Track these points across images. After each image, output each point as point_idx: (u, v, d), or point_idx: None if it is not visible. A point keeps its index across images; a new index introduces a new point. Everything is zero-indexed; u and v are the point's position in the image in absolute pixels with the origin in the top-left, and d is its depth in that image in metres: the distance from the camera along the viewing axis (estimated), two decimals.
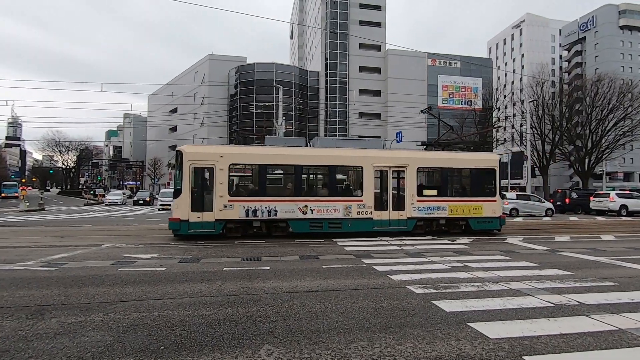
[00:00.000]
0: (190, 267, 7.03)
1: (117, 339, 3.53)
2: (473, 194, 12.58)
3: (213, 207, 10.79)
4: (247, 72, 57.62)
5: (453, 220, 12.41)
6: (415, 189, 12.04)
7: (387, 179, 11.98)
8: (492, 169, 12.70)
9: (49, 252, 8.51)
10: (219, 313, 4.30)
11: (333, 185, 11.93)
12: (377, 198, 11.90)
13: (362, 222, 11.68)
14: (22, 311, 4.37)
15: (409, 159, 12.27)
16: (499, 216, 12.62)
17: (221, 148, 13.83)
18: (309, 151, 12.40)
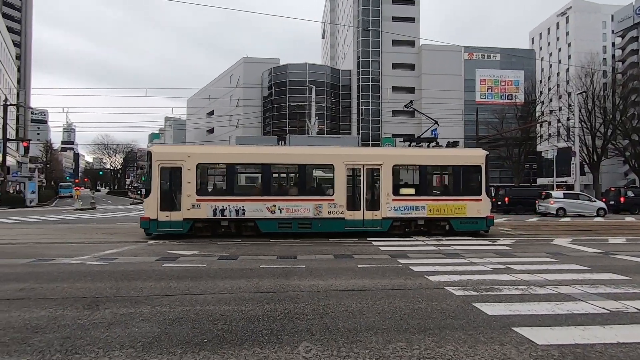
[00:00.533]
0: (229, 264, 7.26)
1: (164, 331, 3.73)
2: (456, 192, 11.91)
3: (181, 207, 10.84)
4: (280, 74, 58.50)
5: (433, 220, 11.72)
6: (390, 188, 11.49)
7: (360, 177, 11.52)
8: (478, 165, 11.87)
9: (101, 247, 9.13)
10: (257, 309, 4.41)
11: (303, 184, 11.74)
12: (350, 197, 11.47)
13: (334, 222, 11.29)
14: (79, 302, 4.73)
15: (384, 157, 11.85)
16: (485, 216, 11.76)
17: (189, 148, 13.64)
18: (278, 150, 12.31)
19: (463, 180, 12.12)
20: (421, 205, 11.57)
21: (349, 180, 11.55)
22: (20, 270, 6.63)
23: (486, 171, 11.92)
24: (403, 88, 55.08)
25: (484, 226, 11.85)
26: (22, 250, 8.86)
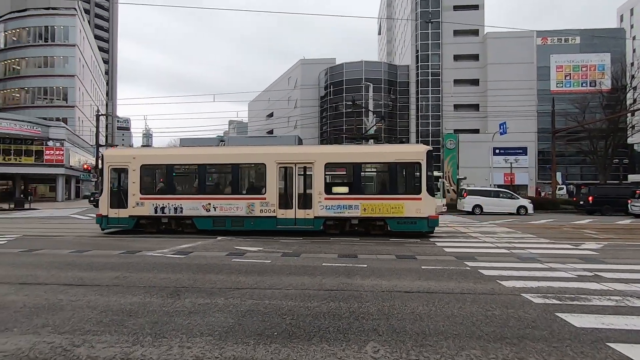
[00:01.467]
0: (292, 261, 7.48)
1: (237, 322, 3.97)
2: (392, 191, 11.22)
3: (127, 205, 11.70)
4: (336, 73, 58.77)
5: (368, 220, 11.23)
6: (322, 186, 11.24)
7: (293, 176, 11.42)
8: (417, 162, 11.04)
9: (177, 242, 9.99)
10: (322, 306, 4.49)
11: (236, 183, 11.86)
12: (282, 196, 11.42)
13: (265, 220, 11.34)
14: (163, 290, 5.23)
15: (316, 155, 11.60)
16: (426, 216, 10.90)
17: (134, 150, 14.42)
18: (213, 150, 12.36)
19: (401, 177, 11.49)
20: (355, 204, 11.15)
21: (281, 179, 11.51)
22: (114, 261, 7.52)
23: (428, 168, 11.05)
24: (466, 80, 52.03)
25: (425, 227, 11.05)
26: (114, 243, 10.04)
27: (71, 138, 37.92)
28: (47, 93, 43.02)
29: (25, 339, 3.53)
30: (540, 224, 16.31)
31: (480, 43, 52.54)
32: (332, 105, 59.32)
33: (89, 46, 50.55)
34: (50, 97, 42.96)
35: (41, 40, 42.91)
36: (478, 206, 21.93)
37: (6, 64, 43.95)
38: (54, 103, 42.76)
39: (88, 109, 46.88)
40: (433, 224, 11.15)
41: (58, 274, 6.36)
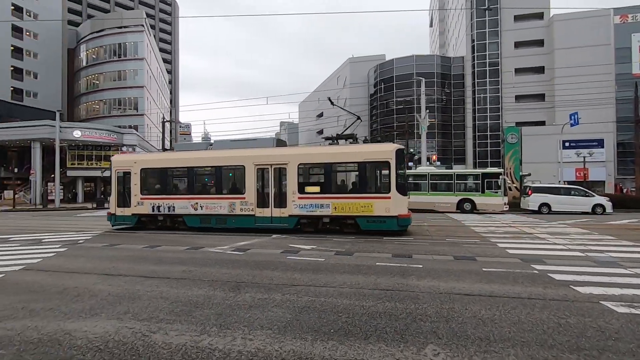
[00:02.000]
0: (346, 259, 7.51)
1: (295, 317, 4.09)
2: (362, 190, 11.27)
3: (130, 204, 13.18)
4: (386, 69, 57.67)
5: (339, 218, 11.42)
6: (296, 186, 11.67)
7: (269, 176, 11.98)
8: (386, 161, 11.01)
9: (235, 239, 10.52)
10: (378, 306, 4.45)
11: (219, 184, 12.72)
12: (260, 195, 12.06)
13: (245, 218, 12.09)
14: (225, 285, 5.56)
15: (290, 156, 12.01)
16: (395, 215, 10.84)
17: (135, 156, 15.34)
18: (199, 154, 13.30)
19: (370, 177, 11.45)
20: (326, 203, 11.42)
21: (258, 179, 12.15)
22: (180, 256, 8.14)
23: (397, 167, 10.96)
24: (529, 69, 48.11)
25: (395, 226, 10.96)
26: (181, 239, 10.86)
27: (141, 143, 41.66)
28: (120, 103, 47.72)
29: (110, 323, 3.97)
30: (621, 224, 14.57)
31: (545, 27, 48.24)
32: (382, 103, 58.35)
33: (155, 59, 55.11)
34: (124, 107, 47.59)
35: (115, 56, 47.69)
36: (545, 205, 20.17)
37: (88, 79, 49.54)
38: (126, 112, 47.30)
39: (155, 117, 51.15)
40: (404, 222, 11.12)
41: (135, 266, 7.04)
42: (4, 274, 6.42)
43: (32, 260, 7.62)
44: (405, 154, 12.05)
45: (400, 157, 11.19)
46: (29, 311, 4.43)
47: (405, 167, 12.11)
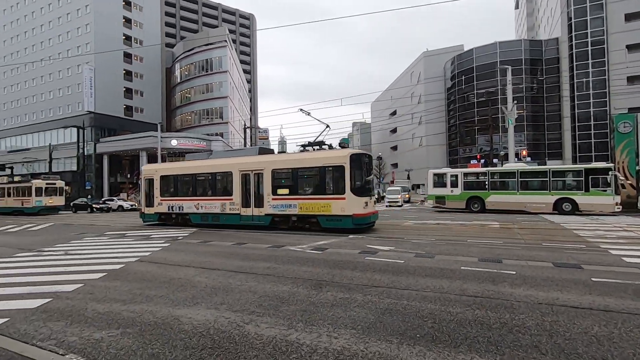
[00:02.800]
0: (427, 262, 7.21)
1: (378, 319, 4.05)
2: (322, 192, 12.46)
3: (154, 204, 16.18)
4: (465, 60, 53.93)
5: (304, 217, 12.81)
6: (270, 189, 13.38)
7: (250, 181, 13.87)
8: (341, 165, 12.12)
9: (314, 239, 10.83)
10: (466, 313, 4.18)
11: (214, 187, 14.91)
12: (244, 197, 13.99)
13: (233, 216, 14.18)
14: (307, 283, 5.76)
15: (265, 163, 13.70)
16: (350, 214, 11.93)
17: (157, 165, 18.49)
18: (200, 163, 15.76)
19: (329, 180, 12.47)
20: (293, 204, 12.94)
21: (243, 183, 14.06)
22: (264, 253, 8.67)
23: (351, 170, 11.97)
24: None
25: (350, 224, 11.94)
26: (264, 237, 11.55)
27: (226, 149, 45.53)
28: (208, 113, 52.71)
29: (210, 312, 4.40)
30: None
31: None
32: (460, 96, 54.76)
33: (236, 70, 59.72)
34: (211, 117, 52.48)
35: (203, 71, 52.86)
36: None
37: (182, 94, 55.77)
38: (213, 121, 52.07)
39: (237, 123, 55.38)
40: (358, 221, 12.06)
41: (226, 262, 7.71)
42: (125, 264, 7.56)
43: (144, 253, 8.84)
44: (364, 159, 12.93)
45: (355, 161, 12.20)
46: (145, 297, 5.15)
47: (366, 171, 12.96)
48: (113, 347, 3.47)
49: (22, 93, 54.59)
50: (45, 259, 8.49)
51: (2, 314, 4.51)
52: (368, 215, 12.53)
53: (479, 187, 20.75)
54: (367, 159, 13.22)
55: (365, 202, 12.49)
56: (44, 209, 26.87)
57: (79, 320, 4.26)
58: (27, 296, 5.32)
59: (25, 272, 7.07)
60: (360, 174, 12.52)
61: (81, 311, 4.57)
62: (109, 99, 47.45)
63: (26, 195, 26.72)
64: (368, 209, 12.60)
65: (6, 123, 56.40)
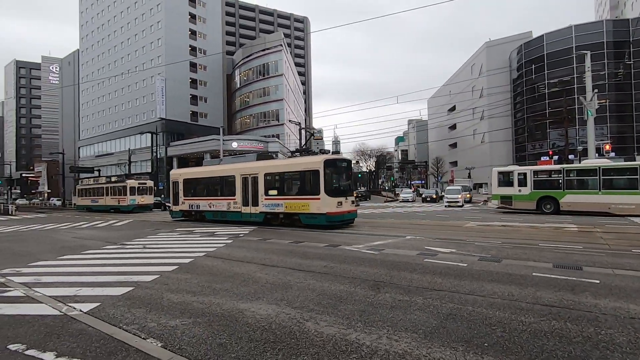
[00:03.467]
0: (492, 266, 6.75)
1: (440, 324, 3.89)
2: (302, 193, 14.16)
3: (179, 203, 19.46)
4: (534, 48, 49.51)
5: (289, 214, 14.56)
6: (263, 190, 15.35)
7: (249, 183, 16.00)
8: (316, 170, 13.64)
9: (369, 239, 10.71)
10: (542, 324, 3.83)
11: (222, 189, 17.39)
12: (244, 197, 16.18)
13: (236, 214, 16.53)
14: (364, 283, 5.71)
15: (259, 167, 15.70)
16: (324, 213, 13.39)
17: (181, 170, 21.04)
18: (212, 168, 18.69)
19: (307, 182, 13.98)
20: (280, 203, 14.78)
21: (243, 185, 16.30)
22: (321, 252, 8.77)
23: (325, 174, 13.44)
24: None
25: (324, 221, 13.39)
26: (320, 237, 11.71)
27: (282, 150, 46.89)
28: (265, 116, 54.80)
29: (270, 307, 4.57)
30: None
31: None
32: (529, 88, 50.48)
33: (292, 73, 61.29)
34: (268, 119, 54.50)
35: (260, 75, 55.09)
36: None
37: (241, 98, 58.70)
38: (270, 123, 54.02)
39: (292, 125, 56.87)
40: (331, 219, 13.51)
41: (284, 259, 7.95)
42: (194, 258, 8.16)
43: (210, 249, 9.45)
44: (339, 164, 14.42)
45: (329, 166, 13.72)
46: (212, 290, 5.50)
47: (341, 174, 14.48)
48: (186, 335, 3.76)
49: (106, 104, 61.60)
50: (127, 251, 9.49)
51: (95, 299, 5.13)
52: (342, 213, 13.95)
53: (551, 186, 18.91)
54: (344, 164, 14.69)
55: (339, 202, 13.91)
56: (137, 207, 29.79)
57: (156, 308, 4.69)
58: (114, 284, 5.99)
59: (111, 262, 7.96)
60: (334, 177, 14.08)
61: (158, 300, 5.03)
62: (177, 106, 51.59)
63: (122, 194, 29.94)
64: (342, 208, 13.96)
65: (94, 131, 64.04)
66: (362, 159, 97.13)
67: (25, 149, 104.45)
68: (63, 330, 4.01)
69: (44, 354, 3.42)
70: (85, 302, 5.02)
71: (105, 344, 3.60)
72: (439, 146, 78.90)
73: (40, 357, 3.36)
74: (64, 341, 3.69)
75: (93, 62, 64.70)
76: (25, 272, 7.27)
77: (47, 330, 4.00)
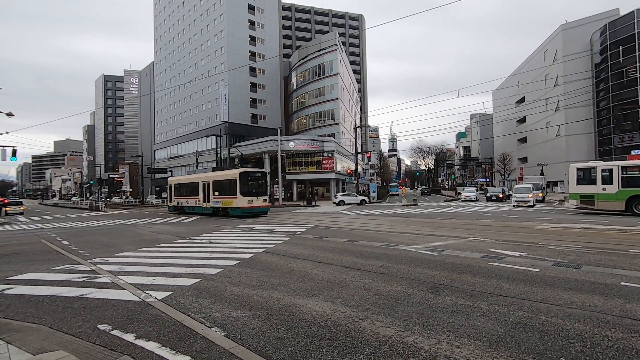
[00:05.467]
0: (570, 273, 6.07)
1: (507, 333, 3.60)
2: (228, 194, 21.77)
3: (172, 200, 27.73)
4: (621, 28, 43.56)
5: (224, 208, 22.18)
6: (212, 192, 23.32)
7: (205, 187, 23.96)
8: (235, 179, 21.25)
9: (428, 239, 10.30)
10: (632, 340, 3.36)
11: (192, 191, 25.60)
12: (203, 196, 24.22)
13: (199, 207, 24.51)
14: (423, 285, 5.50)
15: (210, 177, 23.81)
16: (240, 207, 20.89)
17: (172, 178, 29.47)
18: (186, 176, 27.62)
19: (231, 187, 21.53)
20: (219, 200, 22.55)
21: (202, 188, 24.21)
22: (377, 251, 8.64)
23: (240, 181, 20.99)
24: None
25: (240, 213, 20.93)
26: (376, 236, 11.56)
27: (338, 149, 47.06)
28: (321, 116, 55.43)
29: (326, 305, 4.61)
30: None
31: None
32: (615, 73, 44.62)
33: (347, 71, 61.18)
34: (323, 119, 55.06)
35: (316, 76, 55.83)
36: None
37: (297, 99, 60.09)
38: (325, 123, 54.51)
39: (348, 124, 56.74)
40: (244, 211, 20.93)
41: (339, 257, 7.97)
42: (254, 254, 8.55)
43: (269, 245, 9.83)
44: (252, 174, 21.90)
45: (242, 176, 21.15)
46: (270, 285, 5.71)
47: (251, 181, 21.63)
48: (247, 326, 3.95)
49: (176, 110, 67.14)
50: (195, 245, 10.25)
51: (168, 289, 5.61)
52: (253, 207, 21.27)
53: None
54: (257, 174, 22.18)
55: (250, 199, 21.14)
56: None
57: (220, 299, 4.99)
58: (184, 275, 6.50)
59: (181, 255, 8.66)
60: (247, 183, 21.33)
61: (222, 292, 5.35)
62: (238, 109, 54.44)
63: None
64: (253, 204, 21.21)
65: (167, 135, 70.21)
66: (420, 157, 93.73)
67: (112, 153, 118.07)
68: (141, 315, 4.45)
69: (126, 335, 3.83)
70: (160, 290, 5.52)
71: (176, 329, 3.92)
72: (505, 141, 73.16)
73: (122, 337, 3.77)
74: (142, 325, 4.10)
75: (166, 73, 70.89)
76: (111, 261, 8.22)
77: (129, 314, 4.48)
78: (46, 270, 7.40)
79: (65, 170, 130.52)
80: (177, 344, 3.55)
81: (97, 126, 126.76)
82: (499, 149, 77.79)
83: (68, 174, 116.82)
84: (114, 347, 3.53)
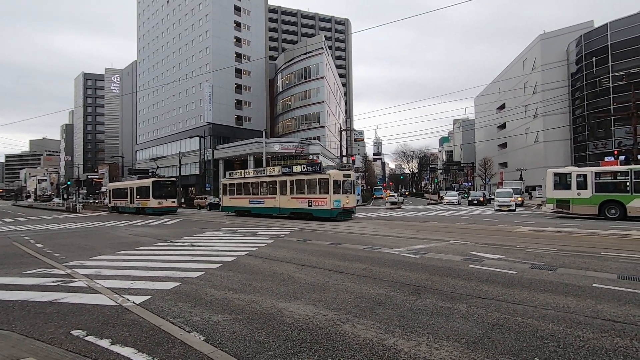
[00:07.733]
0: (545, 275, 6.26)
1: (485, 334, 3.67)
2: (144, 197, 28.75)
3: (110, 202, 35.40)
4: (596, 39, 45.43)
5: (142, 208, 29.06)
6: (135, 195, 30.44)
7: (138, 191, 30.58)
8: (148, 186, 28.23)
9: (411, 242, 10.42)
10: (603, 340, 3.49)
11: (126, 195, 31.87)
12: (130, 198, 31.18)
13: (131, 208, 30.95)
14: (404, 287, 5.56)
15: (134, 183, 31.14)
16: (152, 207, 27.83)
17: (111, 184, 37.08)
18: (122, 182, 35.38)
19: (147, 192, 28.24)
20: (139, 202, 29.57)
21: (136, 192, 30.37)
22: (360, 254, 8.68)
23: (152, 188, 27.98)
24: None
25: (151, 211, 27.76)
26: (359, 239, 11.63)
27: (323, 152, 47.16)
28: (306, 119, 55.47)
29: (308, 308, 4.60)
30: None
31: None
32: (590, 82, 46.41)
33: (332, 75, 61.48)
34: (309, 122, 55.12)
35: (302, 78, 55.89)
36: None
37: (283, 102, 59.97)
38: (311, 126, 54.58)
39: (333, 127, 56.96)
40: (155, 210, 27.62)
41: (323, 260, 7.97)
42: (236, 257, 8.45)
43: (252, 248, 9.74)
44: (161, 183, 28.87)
45: (154, 184, 28.20)
46: (252, 288, 5.66)
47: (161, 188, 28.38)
48: (227, 331, 3.89)
49: (159, 111, 65.90)
50: (176, 248, 10.06)
51: (147, 293, 5.48)
52: (162, 207, 27.88)
53: (617, 189, 17.20)
54: (167, 182, 29.29)
55: (160, 201, 27.82)
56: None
57: (200, 303, 4.91)
58: (164, 279, 6.37)
59: (162, 258, 8.48)
60: (157, 189, 27.94)
61: (202, 296, 5.27)
62: (223, 110, 53.87)
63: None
64: (162, 205, 27.84)
65: (149, 136, 68.79)
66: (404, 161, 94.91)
67: (91, 153, 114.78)
68: (118, 320, 4.33)
69: (101, 340, 3.71)
70: (138, 294, 5.39)
71: (154, 334, 3.83)
72: (486, 146, 74.99)
73: (97, 343, 3.66)
74: (118, 330, 3.99)
75: (148, 72, 69.54)
76: (88, 264, 7.97)
77: (104, 319, 4.35)
78: (18, 275, 7.11)
79: (41, 170, 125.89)
80: (155, 349, 3.47)
81: (76, 125, 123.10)
82: (480, 153, 79.64)
83: (44, 174, 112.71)
84: (88, 354, 3.41)
